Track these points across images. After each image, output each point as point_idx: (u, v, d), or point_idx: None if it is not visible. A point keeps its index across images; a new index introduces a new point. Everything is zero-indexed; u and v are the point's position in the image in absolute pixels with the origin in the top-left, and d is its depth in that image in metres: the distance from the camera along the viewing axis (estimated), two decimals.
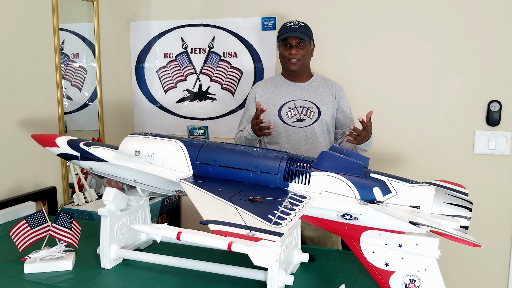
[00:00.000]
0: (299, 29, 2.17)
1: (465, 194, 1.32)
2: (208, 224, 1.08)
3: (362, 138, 2.00)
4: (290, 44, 2.19)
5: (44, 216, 1.60)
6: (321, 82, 2.30)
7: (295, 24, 2.20)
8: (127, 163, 1.51)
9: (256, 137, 2.13)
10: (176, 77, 3.05)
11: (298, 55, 2.19)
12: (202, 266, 1.50)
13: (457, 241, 1.10)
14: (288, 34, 2.17)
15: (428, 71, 2.53)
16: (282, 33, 2.20)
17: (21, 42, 2.35)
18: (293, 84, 2.28)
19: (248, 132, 2.13)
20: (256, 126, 2.04)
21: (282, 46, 2.24)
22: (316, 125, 2.22)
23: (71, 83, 2.75)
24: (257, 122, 2.02)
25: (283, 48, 2.23)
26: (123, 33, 3.11)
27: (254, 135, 2.11)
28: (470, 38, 2.44)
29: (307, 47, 2.22)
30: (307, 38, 2.19)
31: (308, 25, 2.24)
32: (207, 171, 1.41)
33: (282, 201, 1.22)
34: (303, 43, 2.19)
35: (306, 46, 2.21)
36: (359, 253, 1.31)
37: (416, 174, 2.49)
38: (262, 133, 2.04)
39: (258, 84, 2.37)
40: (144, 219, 1.76)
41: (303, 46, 2.20)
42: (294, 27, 2.18)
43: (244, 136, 2.18)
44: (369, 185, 1.28)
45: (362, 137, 1.99)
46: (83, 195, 2.52)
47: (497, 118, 2.43)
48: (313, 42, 2.29)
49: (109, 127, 3.05)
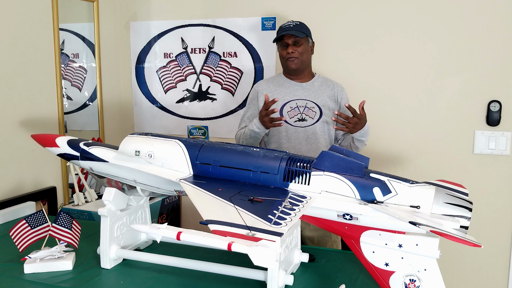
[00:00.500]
0: (294, 28, 2.18)
1: (465, 194, 1.32)
2: (208, 224, 1.08)
3: (354, 126, 1.99)
4: (286, 43, 2.20)
5: (44, 216, 1.60)
6: (322, 83, 2.30)
7: (289, 24, 2.21)
8: (127, 163, 1.51)
9: (263, 130, 2.09)
10: (176, 77, 3.05)
11: (295, 53, 2.19)
12: (202, 266, 1.50)
13: (457, 241, 1.10)
14: (283, 33, 2.18)
15: (428, 71, 2.53)
16: (278, 33, 2.22)
17: (21, 42, 2.35)
18: (295, 83, 2.28)
19: (255, 125, 2.09)
20: (265, 117, 2.01)
21: (280, 46, 2.26)
22: (317, 125, 2.22)
23: (71, 83, 2.75)
24: (267, 113, 2.00)
25: (281, 48, 2.25)
26: (123, 33, 3.11)
27: (262, 128, 2.07)
28: (470, 38, 2.44)
29: (304, 44, 2.22)
30: (303, 35, 2.18)
31: (304, 24, 2.24)
32: (207, 171, 1.41)
33: (282, 201, 1.22)
34: (299, 41, 2.19)
35: (303, 44, 2.21)
36: (359, 253, 1.31)
37: (416, 174, 2.49)
38: (271, 124, 2.02)
39: (260, 83, 2.37)
40: (144, 219, 1.76)
41: (300, 44, 2.20)
42: (289, 26, 2.20)
43: (250, 130, 2.12)
44: (369, 185, 1.28)
45: (353, 124, 1.99)
46: (83, 195, 2.51)
47: (497, 118, 2.43)
48: (312, 39, 2.29)
49: (109, 127, 3.05)
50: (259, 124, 2.07)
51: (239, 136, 2.26)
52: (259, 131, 2.10)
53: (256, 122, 2.09)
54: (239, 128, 2.34)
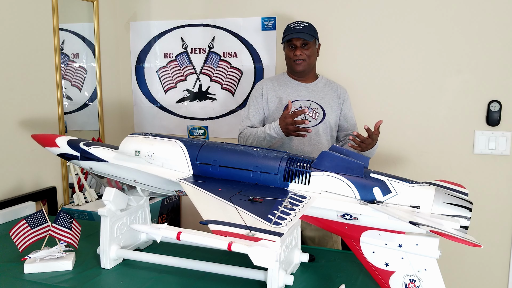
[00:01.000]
0: (303, 30, 2.16)
1: (465, 194, 1.32)
2: (208, 224, 1.08)
3: (366, 146, 1.98)
4: (295, 45, 2.18)
5: (44, 216, 1.60)
6: (326, 84, 2.30)
7: (299, 25, 2.18)
8: (127, 163, 1.51)
9: (282, 136, 2.02)
10: (176, 77, 3.05)
11: (303, 55, 2.18)
12: (202, 266, 1.50)
13: (457, 241, 1.10)
14: (292, 35, 2.16)
15: (428, 71, 2.53)
16: (286, 35, 2.19)
17: (21, 42, 2.35)
18: (299, 84, 2.28)
19: (273, 129, 2.02)
20: (291, 126, 1.94)
21: (287, 47, 2.23)
22: (320, 127, 2.22)
23: (71, 83, 2.75)
24: (295, 122, 1.92)
25: (288, 49, 2.22)
26: (123, 33, 3.11)
27: (281, 134, 2.00)
28: (470, 38, 2.44)
29: (312, 47, 2.21)
30: (311, 39, 2.17)
31: (312, 25, 2.23)
32: (207, 171, 1.41)
33: (282, 201, 1.22)
34: (307, 44, 2.18)
35: (311, 47, 2.20)
36: (359, 253, 1.31)
37: (416, 174, 2.49)
38: (294, 134, 1.96)
39: (264, 81, 2.35)
40: (144, 219, 1.76)
41: (308, 47, 2.19)
42: (298, 28, 2.17)
43: (267, 134, 2.05)
44: (369, 185, 1.28)
45: (367, 144, 1.97)
46: (83, 195, 2.52)
47: (497, 118, 2.43)
48: (318, 41, 2.28)
49: (109, 127, 3.05)
50: (279, 129, 2.00)
51: (247, 135, 2.18)
52: (276, 137, 2.03)
53: (275, 127, 2.01)
54: (244, 125, 2.26)
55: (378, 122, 1.95)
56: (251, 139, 2.15)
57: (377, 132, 1.97)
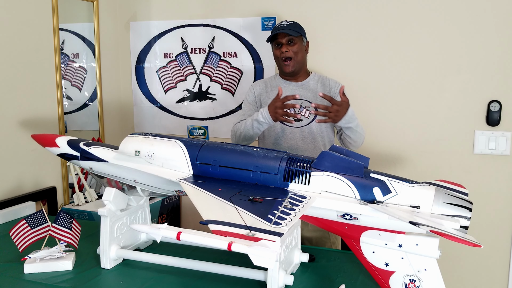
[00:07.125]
0: (288, 27, 2.16)
1: (465, 194, 1.32)
2: (208, 224, 1.08)
3: (336, 114, 1.92)
4: (280, 43, 2.18)
5: (44, 216, 1.60)
6: (318, 81, 2.29)
7: (283, 23, 2.19)
8: (127, 163, 1.51)
9: (270, 122, 1.99)
10: (176, 77, 3.05)
11: (289, 52, 2.16)
12: (202, 266, 1.50)
13: (457, 241, 1.10)
14: (276, 32, 2.16)
15: (428, 71, 2.53)
16: (272, 33, 2.20)
17: (21, 42, 2.35)
18: (290, 83, 2.27)
19: (261, 114, 1.99)
20: (280, 109, 1.91)
21: (274, 46, 2.23)
22: (313, 125, 2.21)
23: (71, 83, 2.75)
24: (285, 106, 1.91)
25: (275, 48, 2.22)
26: (123, 33, 3.11)
27: (269, 118, 1.97)
28: (470, 38, 2.44)
29: (298, 44, 2.19)
30: (296, 34, 2.16)
31: (298, 23, 2.21)
32: (207, 171, 1.41)
33: (282, 201, 1.22)
34: (293, 40, 2.16)
35: (297, 43, 2.18)
36: (359, 253, 1.31)
37: (416, 174, 2.48)
38: (283, 118, 1.93)
39: (257, 83, 2.35)
40: (144, 219, 1.76)
41: (294, 43, 2.17)
42: (283, 25, 2.18)
43: (254, 120, 2.03)
44: (369, 185, 1.28)
45: (334, 112, 1.91)
46: (83, 195, 2.52)
47: (497, 118, 2.43)
48: (306, 39, 2.26)
49: (109, 127, 3.05)
50: (267, 113, 1.97)
51: (237, 127, 2.17)
52: (264, 121, 2.00)
53: (263, 111, 1.98)
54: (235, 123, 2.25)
55: (341, 88, 1.97)
56: (241, 130, 2.12)
57: (344, 98, 1.93)
